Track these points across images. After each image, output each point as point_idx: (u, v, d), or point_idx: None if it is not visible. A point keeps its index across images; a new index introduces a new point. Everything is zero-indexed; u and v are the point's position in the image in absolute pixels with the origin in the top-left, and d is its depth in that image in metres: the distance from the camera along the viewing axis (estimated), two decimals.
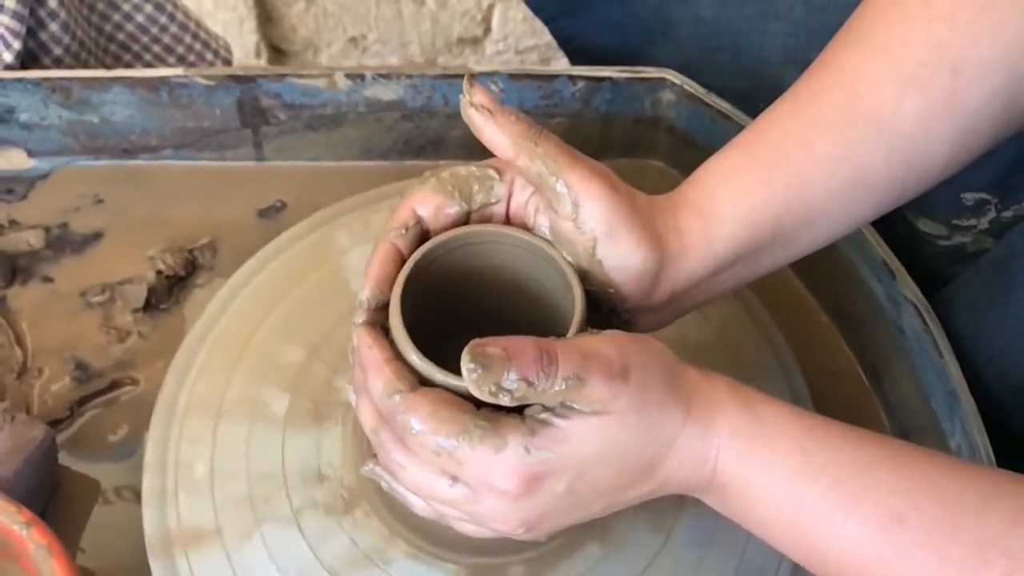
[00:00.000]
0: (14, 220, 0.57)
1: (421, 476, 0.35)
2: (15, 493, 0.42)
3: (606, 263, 0.37)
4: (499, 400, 0.32)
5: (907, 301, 0.50)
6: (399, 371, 0.35)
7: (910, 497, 0.33)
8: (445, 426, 0.33)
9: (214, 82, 0.56)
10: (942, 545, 0.32)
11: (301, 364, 0.48)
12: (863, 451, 0.34)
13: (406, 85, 0.56)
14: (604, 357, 0.33)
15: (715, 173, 0.40)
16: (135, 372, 0.51)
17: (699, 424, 0.35)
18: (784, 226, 0.39)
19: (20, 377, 0.51)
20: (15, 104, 0.56)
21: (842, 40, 0.41)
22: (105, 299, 0.54)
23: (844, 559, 0.34)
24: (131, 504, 0.47)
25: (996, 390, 0.47)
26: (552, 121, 0.58)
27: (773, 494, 0.34)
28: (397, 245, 0.38)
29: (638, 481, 0.35)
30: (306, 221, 0.53)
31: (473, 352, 0.32)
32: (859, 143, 0.39)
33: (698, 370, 0.36)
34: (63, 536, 0.38)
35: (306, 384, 0.47)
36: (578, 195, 0.37)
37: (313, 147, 0.59)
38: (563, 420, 0.34)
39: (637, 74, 0.57)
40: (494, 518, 0.35)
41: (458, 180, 0.39)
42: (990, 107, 0.39)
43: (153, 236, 0.56)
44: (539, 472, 0.33)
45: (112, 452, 0.49)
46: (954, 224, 0.55)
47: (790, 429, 0.35)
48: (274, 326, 0.49)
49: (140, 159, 0.59)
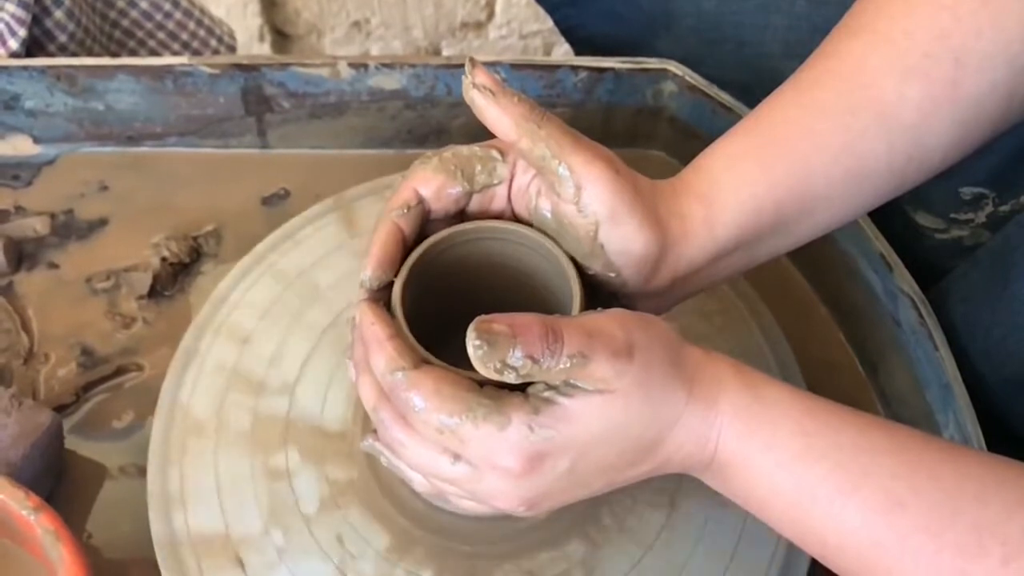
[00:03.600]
0: (20, 206, 0.57)
1: (423, 454, 0.35)
2: (22, 478, 0.42)
3: (608, 247, 0.37)
4: (504, 377, 0.32)
5: (903, 294, 0.50)
6: (401, 348, 0.35)
7: (910, 482, 0.33)
8: (448, 404, 0.34)
9: (218, 70, 0.56)
10: (940, 530, 0.32)
11: (306, 354, 0.48)
12: (864, 434, 0.34)
13: (409, 74, 0.57)
14: (609, 335, 0.34)
15: (718, 159, 0.40)
16: (140, 358, 0.52)
17: (702, 404, 0.35)
18: (785, 213, 0.39)
19: (27, 363, 0.51)
20: (21, 91, 0.56)
21: (845, 29, 0.41)
22: (110, 286, 0.54)
23: (842, 542, 0.34)
24: (134, 479, 0.47)
25: (991, 382, 0.48)
26: (554, 111, 0.57)
27: (773, 475, 0.34)
28: (399, 224, 0.38)
29: (640, 460, 0.35)
30: (310, 209, 0.54)
31: (479, 329, 0.32)
32: (861, 132, 0.39)
33: (701, 350, 0.36)
34: (69, 520, 0.39)
35: (311, 372, 0.48)
36: (580, 178, 0.37)
37: (317, 135, 0.59)
38: (567, 398, 0.34)
39: (639, 65, 0.57)
40: (495, 496, 0.35)
41: (461, 160, 0.39)
42: (991, 98, 0.39)
43: (157, 223, 0.56)
44: (542, 451, 0.34)
45: (118, 437, 0.49)
46: (952, 218, 0.55)
47: (792, 411, 0.35)
48: (279, 314, 0.50)
49: (145, 146, 0.59)
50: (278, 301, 0.50)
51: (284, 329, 0.49)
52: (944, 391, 0.47)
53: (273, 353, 0.48)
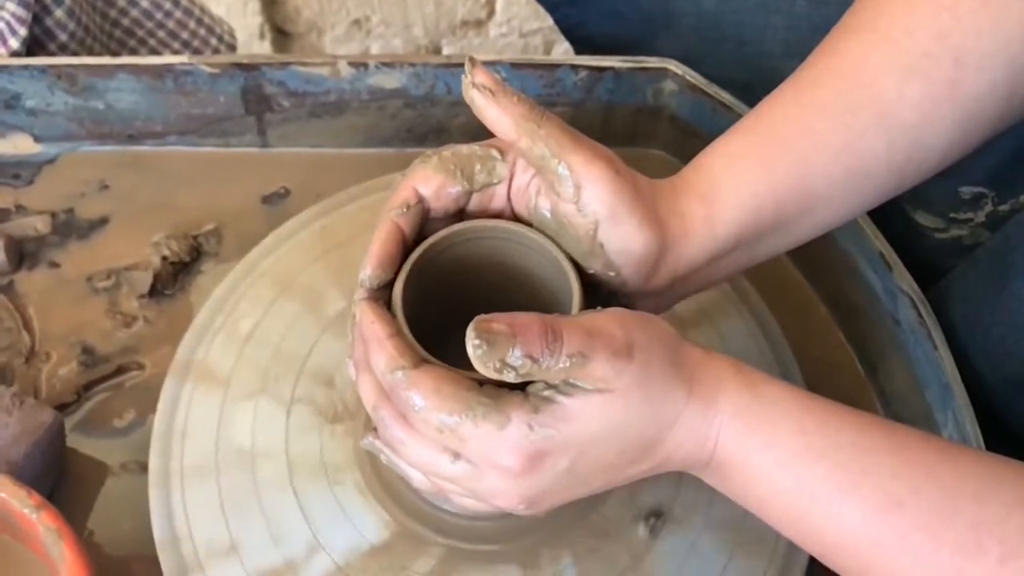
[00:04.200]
0: (21, 205, 0.57)
1: (423, 452, 0.35)
2: (24, 476, 0.42)
3: (607, 247, 0.37)
4: (503, 376, 0.32)
5: (903, 293, 0.50)
6: (401, 347, 0.35)
7: (909, 481, 0.33)
8: (448, 403, 0.34)
9: (218, 70, 0.56)
10: (939, 529, 0.32)
11: (306, 353, 0.48)
12: (864, 434, 0.34)
13: (409, 74, 0.57)
14: (608, 335, 0.34)
15: (718, 158, 0.40)
16: (141, 357, 0.52)
17: (701, 403, 0.35)
18: (785, 212, 0.39)
19: (28, 361, 0.51)
20: (21, 90, 0.56)
21: (845, 27, 0.41)
22: (111, 284, 0.54)
23: (841, 540, 0.34)
24: (135, 476, 0.47)
25: (989, 381, 0.48)
26: (554, 110, 0.58)
27: (773, 474, 0.34)
28: (399, 224, 0.38)
29: (639, 458, 0.35)
30: (310, 209, 0.54)
31: (478, 328, 0.32)
32: (861, 131, 0.39)
33: (701, 349, 0.36)
34: (71, 518, 0.39)
35: (312, 370, 0.48)
36: (580, 178, 0.37)
37: (316, 134, 0.59)
38: (566, 398, 0.34)
39: (639, 64, 0.57)
40: (495, 494, 0.35)
41: (460, 159, 0.39)
42: (990, 97, 0.39)
43: (158, 222, 0.56)
44: (542, 449, 0.34)
45: (119, 435, 0.49)
46: (951, 217, 0.55)
47: (792, 410, 0.35)
48: (279, 314, 0.50)
49: (145, 145, 0.59)
50: (278, 301, 0.50)
51: (284, 329, 0.49)
52: (943, 390, 0.48)
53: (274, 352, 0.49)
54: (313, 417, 0.46)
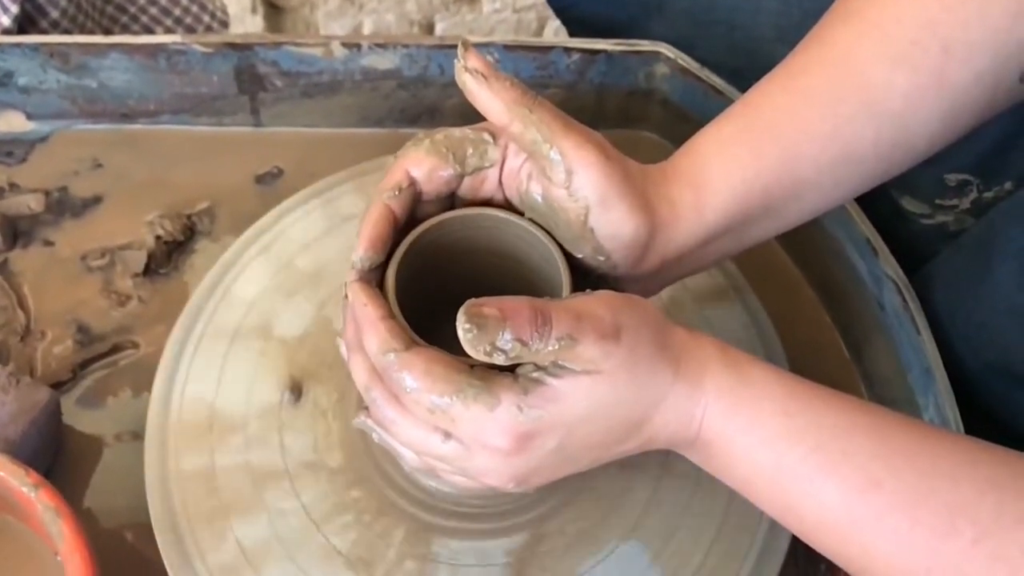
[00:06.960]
0: (14, 183, 0.57)
1: (414, 432, 0.36)
2: (21, 455, 0.42)
3: (598, 231, 0.38)
4: (493, 359, 0.33)
5: (888, 278, 0.51)
6: (393, 329, 0.36)
7: (887, 463, 0.34)
8: (439, 384, 0.34)
9: (211, 49, 0.56)
10: (915, 510, 0.33)
11: (301, 334, 0.49)
12: (845, 416, 0.35)
13: (402, 54, 0.57)
14: (597, 317, 0.34)
15: (708, 144, 0.40)
16: (136, 336, 0.52)
17: (687, 383, 0.36)
18: (774, 198, 0.40)
19: (24, 340, 0.51)
20: (14, 68, 0.56)
21: (835, 15, 0.41)
22: (105, 263, 0.54)
23: (820, 519, 0.35)
24: (130, 446, 0.48)
25: (970, 366, 0.48)
26: (546, 92, 0.59)
27: (755, 454, 0.35)
28: (390, 206, 0.38)
29: (627, 437, 0.36)
30: (305, 190, 0.54)
31: (469, 312, 0.33)
32: (849, 119, 0.39)
33: (687, 330, 0.37)
34: (68, 495, 0.39)
35: (305, 350, 0.48)
36: (571, 163, 0.37)
37: (310, 114, 0.59)
38: (555, 379, 0.34)
39: (632, 47, 0.57)
40: (486, 473, 0.36)
41: (452, 142, 0.39)
42: (977, 87, 0.40)
43: (152, 201, 0.56)
44: (531, 430, 0.34)
45: (114, 410, 0.50)
46: (937, 203, 0.56)
47: (775, 391, 0.35)
48: (274, 294, 0.50)
49: (138, 123, 0.59)
50: (273, 281, 0.51)
51: (280, 309, 0.50)
52: (925, 375, 0.48)
53: (269, 332, 0.49)
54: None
